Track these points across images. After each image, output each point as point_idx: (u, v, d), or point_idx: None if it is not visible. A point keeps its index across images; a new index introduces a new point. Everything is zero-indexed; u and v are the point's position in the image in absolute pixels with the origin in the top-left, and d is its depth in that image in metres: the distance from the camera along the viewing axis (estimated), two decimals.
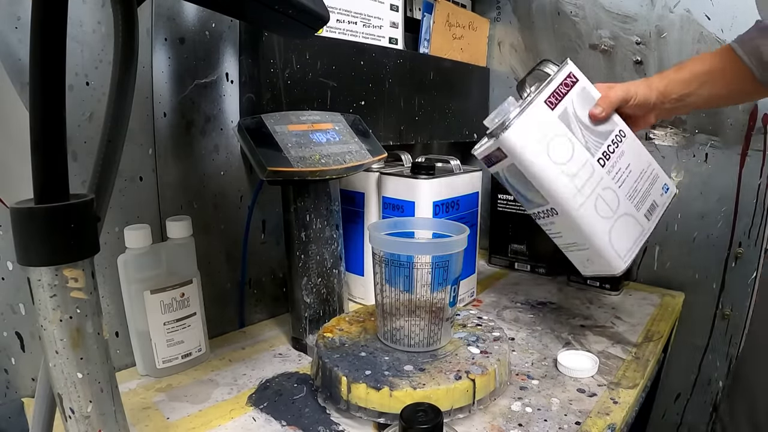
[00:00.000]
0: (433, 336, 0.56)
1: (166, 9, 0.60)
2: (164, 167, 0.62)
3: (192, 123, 0.65)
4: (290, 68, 0.68)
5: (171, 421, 0.51)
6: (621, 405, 0.54)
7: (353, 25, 0.79)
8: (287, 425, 0.50)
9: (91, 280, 0.33)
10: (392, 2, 0.86)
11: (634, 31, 0.91)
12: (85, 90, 0.54)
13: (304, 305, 0.65)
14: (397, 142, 0.88)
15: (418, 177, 0.73)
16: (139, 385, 0.57)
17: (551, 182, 0.58)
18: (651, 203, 0.64)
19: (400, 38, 0.88)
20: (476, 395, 0.50)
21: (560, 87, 0.61)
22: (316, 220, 0.65)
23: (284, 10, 0.38)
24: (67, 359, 0.32)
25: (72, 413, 0.33)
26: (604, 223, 0.60)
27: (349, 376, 0.50)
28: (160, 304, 0.57)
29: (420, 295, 0.55)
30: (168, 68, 0.61)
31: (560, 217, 0.60)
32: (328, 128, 0.67)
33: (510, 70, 1.11)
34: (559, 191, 0.58)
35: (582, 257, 0.63)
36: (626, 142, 0.63)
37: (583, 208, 0.59)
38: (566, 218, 0.60)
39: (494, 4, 1.10)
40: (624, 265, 0.60)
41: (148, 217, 0.61)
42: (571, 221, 0.59)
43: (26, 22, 0.48)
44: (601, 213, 0.59)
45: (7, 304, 0.52)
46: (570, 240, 0.62)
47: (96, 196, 0.35)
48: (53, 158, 0.30)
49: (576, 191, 0.58)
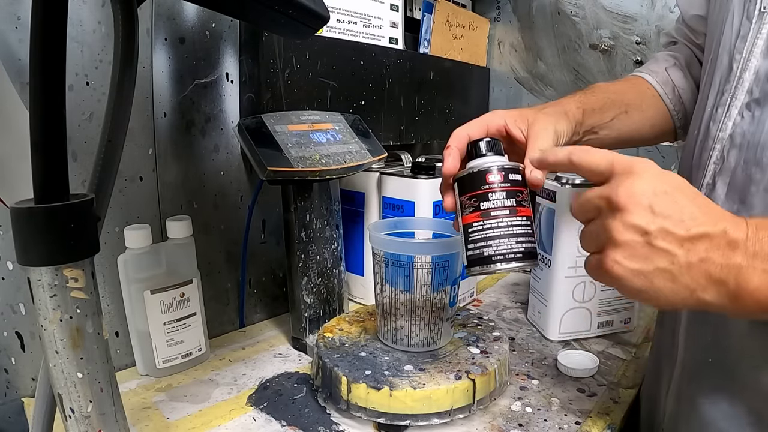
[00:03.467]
0: (433, 336, 0.56)
1: (166, 9, 0.60)
2: (164, 167, 0.62)
3: (192, 123, 0.65)
4: (290, 68, 0.68)
5: (171, 421, 0.51)
6: (621, 405, 0.54)
7: (353, 25, 0.79)
8: (287, 425, 0.50)
9: (91, 280, 0.33)
10: (392, 2, 0.86)
11: (634, 31, 0.91)
12: (85, 90, 0.54)
13: (304, 305, 0.65)
14: (397, 142, 0.88)
15: (418, 177, 0.73)
16: (139, 385, 0.57)
17: (568, 244, 0.66)
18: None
19: (400, 38, 0.88)
20: (476, 395, 0.50)
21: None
22: (316, 220, 0.65)
23: (284, 10, 0.38)
24: (67, 359, 0.32)
25: (72, 413, 0.33)
26: (571, 303, 0.68)
27: (349, 376, 0.50)
28: (160, 304, 0.57)
29: (420, 295, 0.55)
30: (168, 68, 0.61)
31: (551, 270, 0.68)
32: (328, 128, 0.67)
33: (510, 70, 1.11)
34: (566, 253, 0.66)
35: (536, 304, 0.73)
36: None
37: (568, 281, 0.67)
38: (553, 275, 0.68)
39: (494, 4, 1.10)
40: (556, 339, 0.69)
41: (148, 217, 0.61)
42: (553, 281, 0.68)
43: (26, 22, 0.48)
44: (575, 295, 0.68)
45: (7, 304, 0.52)
46: (541, 290, 0.71)
47: (96, 196, 0.35)
48: (53, 158, 0.30)
49: (575, 265, 0.67)
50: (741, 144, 0.41)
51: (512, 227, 0.39)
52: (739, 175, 0.41)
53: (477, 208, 0.40)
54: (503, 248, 0.39)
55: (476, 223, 0.40)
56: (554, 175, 0.68)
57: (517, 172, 0.41)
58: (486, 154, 0.42)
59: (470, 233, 0.41)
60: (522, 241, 0.39)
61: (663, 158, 0.91)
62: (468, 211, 0.41)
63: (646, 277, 0.32)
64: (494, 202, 0.40)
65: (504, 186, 0.40)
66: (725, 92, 0.43)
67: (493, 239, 0.39)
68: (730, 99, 0.43)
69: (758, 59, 0.41)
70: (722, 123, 0.43)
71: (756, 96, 0.41)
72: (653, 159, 0.34)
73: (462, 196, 0.42)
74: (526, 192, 0.41)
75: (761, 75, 0.41)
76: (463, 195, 0.42)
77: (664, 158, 0.91)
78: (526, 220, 0.40)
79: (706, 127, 0.45)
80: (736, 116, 0.42)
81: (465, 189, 0.42)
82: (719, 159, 0.43)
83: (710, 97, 0.46)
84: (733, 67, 0.43)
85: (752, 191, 0.40)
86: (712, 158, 0.44)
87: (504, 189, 0.40)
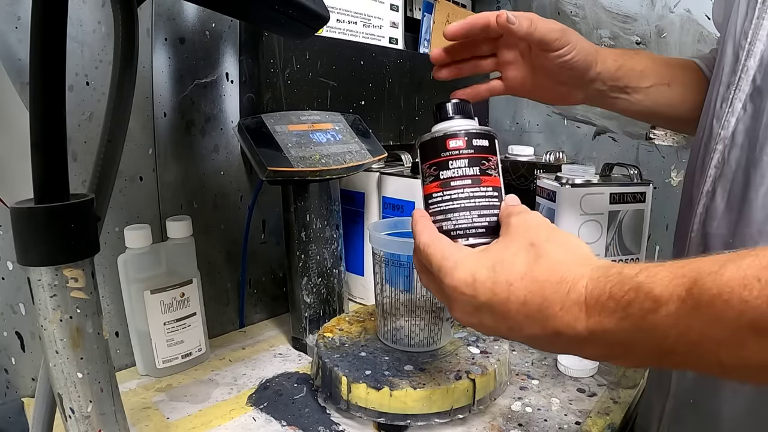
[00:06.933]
0: (433, 336, 0.56)
1: (166, 9, 0.60)
2: (164, 167, 0.62)
3: (192, 123, 0.65)
4: (290, 68, 0.68)
5: (171, 420, 0.51)
6: (621, 405, 0.54)
7: (353, 25, 0.79)
8: (287, 425, 0.50)
9: (91, 280, 0.33)
10: (392, 2, 0.86)
11: (634, 31, 0.91)
12: (85, 90, 0.54)
13: (304, 305, 0.65)
14: (397, 142, 0.88)
15: (418, 177, 0.72)
16: (139, 385, 0.57)
17: None
18: None
19: (400, 38, 0.88)
20: (476, 395, 0.50)
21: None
22: (316, 220, 0.65)
23: (284, 10, 0.38)
24: (67, 359, 0.32)
25: (72, 413, 0.33)
26: None
27: (349, 376, 0.50)
28: (160, 304, 0.57)
29: (420, 295, 0.55)
30: (168, 68, 0.61)
31: None
32: (328, 128, 0.67)
33: None
34: None
35: None
36: None
37: None
38: None
39: (494, 4, 1.10)
40: None
41: (148, 217, 0.61)
42: None
43: (26, 22, 0.48)
44: None
45: (7, 304, 0.52)
46: None
47: (96, 196, 0.35)
48: (53, 158, 0.30)
49: None
50: (742, 143, 0.38)
51: (474, 199, 0.35)
52: (739, 179, 0.38)
53: (437, 178, 0.36)
54: (463, 222, 0.35)
55: (436, 194, 0.36)
56: (554, 175, 0.68)
57: (485, 137, 0.37)
58: (452, 117, 0.38)
59: (430, 205, 0.37)
60: (485, 215, 0.35)
61: (663, 158, 0.91)
62: (428, 180, 0.37)
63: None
64: (455, 171, 0.36)
65: (467, 153, 0.36)
66: (730, 84, 0.40)
67: (452, 212, 0.36)
68: (733, 91, 0.39)
69: (764, 43, 0.37)
70: (725, 119, 0.39)
71: (759, 84, 0.37)
72: (653, 159, 0.34)
73: (423, 163, 0.38)
74: (495, 159, 0.37)
75: (766, 60, 0.37)
76: (425, 163, 0.38)
77: (664, 158, 0.91)
78: (492, 191, 0.36)
79: (710, 125, 0.42)
80: (740, 110, 0.38)
81: (426, 156, 0.38)
82: (720, 162, 0.40)
83: (715, 92, 0.42)
84: (739, 55, 0.39)
85: (750, 198, 0.37)
86: (713, 161, 0.40)
87: (467, 156, 0.36)
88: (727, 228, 0.39)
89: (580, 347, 0.28)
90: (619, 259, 0.67)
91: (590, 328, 0.27)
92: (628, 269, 0.26)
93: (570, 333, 0.27)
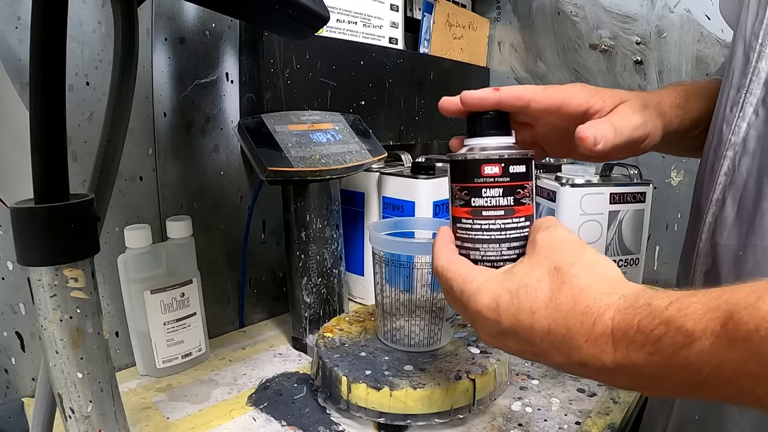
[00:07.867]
0: (433, 336, 0.56)
1: (166, 9, 0.60)
2: (164, 167, 0.62)
3: (192, 123, 0.65)
4: (290, 68, 0.68)
5: (171, 421, 0.51)
6: (621, 405, 0.54)
7: (353, 25, 0.79)
8: (287, 425, 0.50)
9: (91, 280, 0.33)
10: (392, 2, 0.86)
11: (634, 31, 0.91)
12: (85, 90, 0.54)
13: (304, 305, 0.65)
14: (397, 142, 0.88)
15: (418, 177, 0.72)
16: (139, 385, 0.57)
17: None
18: None
19: (400, 38, 0.88)
20: (476, 395, 0.50)
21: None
22: (316, 220, 0.65)
23: (284, 10, 0.38)
24: (67, 359, 0.32)
25: (72, 413, 0.33)
26: None
27: (349, 376, 0.50)
28: (160, 304, 0.57)
29: (420, 295, 0.55)
30: (168, 68, 0.61)
31: None
32: (328, 128, 0.67)
33: (510, 70, 1.11)
34: None
35: None
36: None
37: None
38: None
39: (494, 4, 1.10)
40: None
41: (148, 217, 0.61)
42: None
43: (26, 22, 0.48)
44: None
45: (7, 304, 0.52)
46: None
47: (96, 196, 0.35)
48: (53, 158, 0.30)
49: None
50: (754, 150, 0.36)
51: (505, 231, 0.34)
52: (750, 188, 0.36)
53: (467, 203, 0.35)
54: (492, 254, 0.34)
55: (465, 220, 0.35)
56: (554, 175, 0.68)
57: (521, 163, 0.34)
58: (488, 133, 0.36)
59: (458, 228, 0.36)
60: (515, 247, 0.34)
61: (663, 158, 0.91)
62: (458, 203, 0.35)
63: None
64: (488, 200, 0.34)
65: (503, 182, 0.34)
66: (740, 88, 0.37)
67: (482, 243, 0.34)
68: (744, 95, 0.37)
69: None
70: (735, 124, 0.37)
71: None
72: (653, 159, 0.33)
73: (453, 183, 0.36)
74: (530, 185, 0.35)
75: None
76: (455, 183, 0.35)
77: (664, 158, 0.91)
78: (524, 221, 0.34)
79: (720, 131, 0.39)
80: (751, 115, 0.36)
81: (457, 177, 0.35)
82: (730, 169, 0.38)
83: (725, 96, 0.40)
84: (750, 57, 0.37)
85: (763, 208, 0.35)
86: (723, 168, 0.38)
87: (502, 185, 0.34)
88: (737, 239, 0.37)
89: (609, 377, 0.28)
90: (618, 259, 0.67)
91: (617, 361, 0.26)
92: (657, 300, 0.25)
93: (596, 365, 0.27)
